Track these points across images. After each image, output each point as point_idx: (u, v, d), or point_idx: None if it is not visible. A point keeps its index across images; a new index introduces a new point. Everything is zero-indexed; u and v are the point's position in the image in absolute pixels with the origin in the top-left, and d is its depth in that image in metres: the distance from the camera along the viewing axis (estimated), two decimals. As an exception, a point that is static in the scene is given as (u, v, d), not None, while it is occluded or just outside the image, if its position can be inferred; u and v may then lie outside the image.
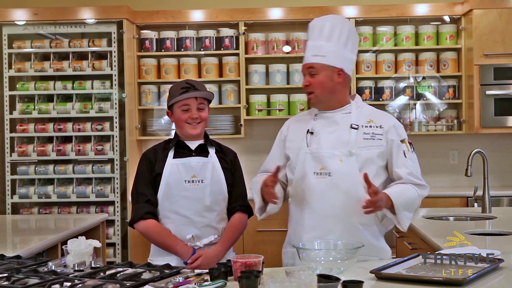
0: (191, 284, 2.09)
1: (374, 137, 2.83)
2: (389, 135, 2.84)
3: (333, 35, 2.86)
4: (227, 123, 5.65)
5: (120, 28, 5.43)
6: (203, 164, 3.07)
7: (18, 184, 5.53)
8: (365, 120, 2.87)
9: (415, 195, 2.79)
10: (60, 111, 5.47)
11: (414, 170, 2.84)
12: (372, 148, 2.81)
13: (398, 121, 2.96)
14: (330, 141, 2.84)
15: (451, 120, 5.64)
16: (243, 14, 5.60)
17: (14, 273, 2.19)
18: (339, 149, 2.81)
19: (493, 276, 2.21)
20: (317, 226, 2.82)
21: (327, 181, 2.79)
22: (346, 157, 2.79)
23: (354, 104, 2.92)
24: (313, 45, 2.89)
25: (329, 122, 2.89)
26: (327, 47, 2.85)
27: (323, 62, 2.85)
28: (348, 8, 5.56)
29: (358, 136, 2.83)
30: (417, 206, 2.83)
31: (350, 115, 2.88)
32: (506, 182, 5.73)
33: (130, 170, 5.39)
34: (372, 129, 2.85)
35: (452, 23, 5.61)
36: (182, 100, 3.03)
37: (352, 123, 2.85)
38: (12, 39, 5.55)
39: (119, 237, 5.39)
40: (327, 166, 2.81)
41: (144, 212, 3.02)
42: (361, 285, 1.96)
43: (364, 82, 5.62)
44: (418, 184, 2.83)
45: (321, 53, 2.85)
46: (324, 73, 2.85)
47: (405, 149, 2.83)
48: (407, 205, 2.75)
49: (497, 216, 3.78)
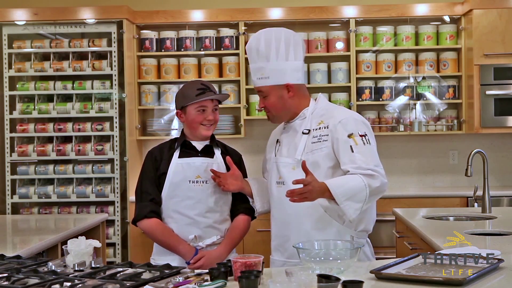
0: (191, 284, 2.09)
1: (320, 139, 2.81)
2: (334, 134, 2.78)
3: (270, 53, 2.86)
4: (227, 123, 5.65)
5: (120, 28, 5.43)
6: (208, 165, 3.07)
7: (18, 184, 5.53)
8: (316, 122, 2.86)
9: (361, 184, 2.63)
10: (60, 111, 5.47)
11: (364, 163, 2.70)
12: (317, 151, 2.80)
13: (351, 115, 2.86)
14: (287, 149, 2.91)
15: (451, 120, 5.64)
16: (243, 14, 5.60)
17: (14, 273, 2.19)
18: (292, 157, 2.86)
19: (493, 276, 2.21)
20: (278, 233, 2.95)
21: (283, 189, 2.77)
22: (298, 164, 2.78)
23: (311, 107, 2.92)
24: (255, 68, 2.93)
25: (291, 130, 2.96)
26: (268, 67, 2.87)
27: (268, 84, 2.88)
28: (348, 8, 5.56)
29: (308, 141, 2.84)
30: (366, 196, 2.64)
31: (304, 120, 2.90)
32: (506, 182, 5.74)
33: (130, 170, 5.39)
34: (320, 131, 2.83)
35: (452, 23, 5.61)
36: (199, 101, 3.03)
37: (304, 129, 2.87)
38: (12, 39, 5.55)
39: (119, 237, 5.39)
40: (282, 175, 2.89)
41: (148, 211, 3.03)
42: (361, 285, 1.96)
43: (364, 82, 5.62)
44: (366, 175, 2.67)
45: (265, 75, 2.88)
46: (273, 93, 2.89)
47: (352, 144, 2.72)
48: (351, 194, 2.62)
49: (497, 216, 3.77)
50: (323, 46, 5.62)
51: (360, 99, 5.60)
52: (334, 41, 5.62)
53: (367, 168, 2.69)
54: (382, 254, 5.00)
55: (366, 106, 5.69)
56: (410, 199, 5.18)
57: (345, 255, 2.29)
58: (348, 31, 5.58)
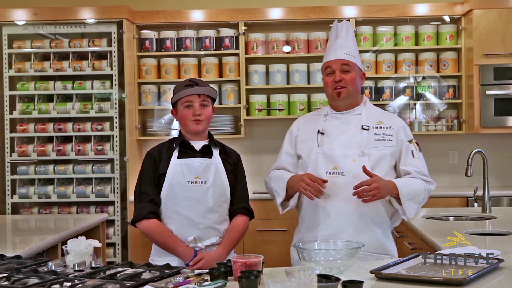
0: (191, 284, 2.09)
1: (384, 137, 2.95)
2: (399, 136, 2.97)
3: (354, 40, 3.06)
4: (227, 123, 5.65)
5: (120, 28, 5.43)
6: (207, 165, 3.06)
7: (18, 184, 5.53)
8: (375, 122, 2.99)
9: (422, 187, 2.89)
10: (60, 111, 5.47)
11: (423, 168, 2.96)
12: (383, 149, 2.92)
13: (405, 123, 3.10)
14: (342, 141, 2.95)
15: (451, 120, 5.64)
16: (243, 14, 5.60)
17: (14, 273, 2.19)
18: (351, 149, 2.92)
19: (493, 276, 2.21)
20: (331, 224, 2.92)
21: (340, 180, 2.89)
22: (359, 157, 2.90)
23: (363, 106, 3.04)
24: (343, 44, 3.01)
25: (340, 122, 3.01)
26: (354, 49, 3.03)
27: (355, 61, 3.00)
28: (348, 8, 5.56)
29: (369, 137, 2.94)
30: (423, 199, 2.92)
31: (360, 116, 3.00)
32: (506, 182, 5.73)
33: (130, 170, 5.39)
34: (383, 130, 2.97)
35: (452, 23, 5.61)
36: (185, 96, 3.04)
37: (363, 124, 2.96)
38: (12, 39, 5.55)
39: (119, 237, 5.39)
40: (340, 166, 2.91)
41: (147, 212, 3.02)
42: (361, 285, 1.96)
43: (364, 82, 5.59)
44: (425, 180, 2.94)
45: (352, 54, 3.00)
46: (355, 71, 2.99)
47: (413, 149, 2.95)
48: (413, 195, 2.85)
49: (497, 216, 3.78)
50: (323, 46, 5.62)
51: (360, 99, 5.59)
52: (334, 41, 5.61)
53: (425, 174, 2.96)
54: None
55: (366, 106, 5.69)
56: (410, 199, 5.17)
57: (345, 255, 2.29)
58: (348, 31, 5.58)
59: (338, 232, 2.86)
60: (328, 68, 3.01)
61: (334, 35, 3.06)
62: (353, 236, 2.78)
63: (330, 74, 3.00)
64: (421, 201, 2.91)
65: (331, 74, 2.99)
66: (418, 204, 2.90)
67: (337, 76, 2.96)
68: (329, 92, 3.01)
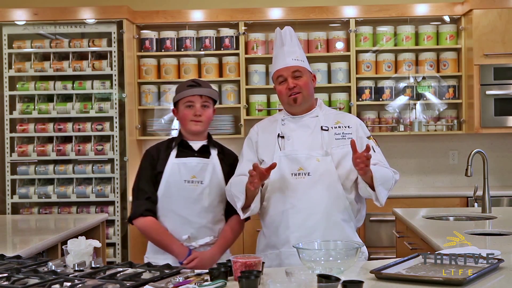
0: (191, 284, 2.09)
1: (344, 136, 3.00)
2: (358, 133, 3.03)
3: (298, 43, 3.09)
4: (227, 123, 5.65)
5: (120, 28, 5.43)
6: (204, 165, 3.08)
7: (18, 184, 5.53)
8: (332, 122, 3.05)
9: (390, 175, 2.95)
10: (60, 111, 5.47)
11: (385, 162, 3.03)
12: (345, 147, 2.95)
13: (361, 121, 3.19)
14: (304, 142, 2.99)
15: (451, 120, 5.64)
16: (243, 14, 5.60)
17: (14, 273, 2.19)
18: (314, 150, 2.97)
19: (493, 276, 2.21)
20: (302, 224, 2.92)
21: (307, 180, 2.92)
22: (323, 157, 2.95)
23: (319, 109, 3.09)
24: (290, 51, 3.04)
25: (299, 125, 3.04)
26: (301, 54, 3.07)
27: (304, 66, 3.04)
28: (348, 8, 5.56)
29: (330, 137, 2.99)
30: (391, 186, 2.95)
31: (317, 118, 3.05)
32: (506, 182, 5.74)
33: (130, 170, 5.39)
34: (342, 129, 3.03)
35: (452, 23, 5.61)
36: (187, 96, 3.06)
37: (322, 125, 3.01)
38: (12, 39, 5.55)
39: (119, 237, 5.39)
40: (305, 167, 2.94)
41: (144, 209, 3.05)
42: (361, 285, 1.96)
43: (364, 82, 5.62)
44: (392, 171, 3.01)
45: (300, 58, 3.03)
46: (306, 76, 3.04)
47: (373, 145, 2.97)
48: (384, 181, 2.89)
49: (497, 216, 3.77)
50: (323, 46, 5.62)
51: (360, 99, 5.60)
52: (334, 41, 5.62)
53: (388, 167, 3.02)
54: (382, 254, 5.01)
55: (366, 106, 5.69)
56: (410, 199, 5.18)
57: (345, 255, 2.29)
58: (348, 31, 5.58)
59: (309, 233, 2.87)
60: (280, 77, 3.02)
61: (280, 43, 3.07)
62: (324, 235, 2.82)
63: (283, 82, 3.02)
64: (390, 187, 2.94)
65: (284, 82, 3.02)
66: (387, 190, 2.93)
67: (290, 83, 2.99)
68: (285, 100, 3.03)
